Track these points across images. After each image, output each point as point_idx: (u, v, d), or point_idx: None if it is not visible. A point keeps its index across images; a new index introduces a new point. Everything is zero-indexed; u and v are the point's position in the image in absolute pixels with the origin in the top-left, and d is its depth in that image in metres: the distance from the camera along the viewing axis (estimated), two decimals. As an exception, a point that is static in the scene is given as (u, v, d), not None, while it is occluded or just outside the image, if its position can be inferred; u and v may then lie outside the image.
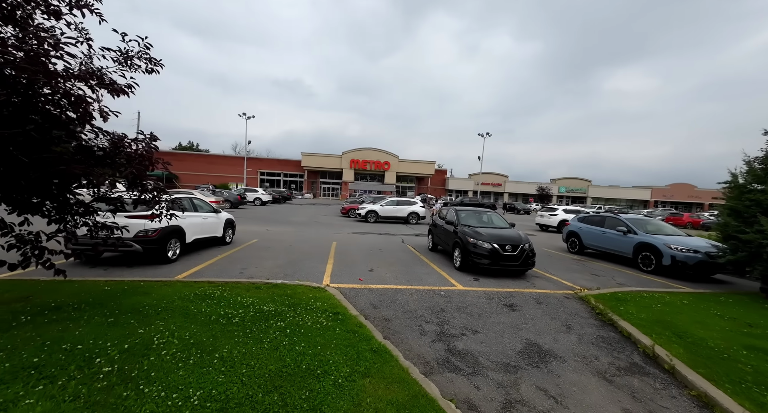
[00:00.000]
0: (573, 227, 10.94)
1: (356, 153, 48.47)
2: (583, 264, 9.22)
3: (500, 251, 6.96)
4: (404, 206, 19.71)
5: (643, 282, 7.46)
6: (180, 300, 4.25)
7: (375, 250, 9.87)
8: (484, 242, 7.11)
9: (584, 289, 6.38)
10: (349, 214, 21.61)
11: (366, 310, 4.84)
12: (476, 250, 7.11)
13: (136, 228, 5.95)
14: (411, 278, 6.69)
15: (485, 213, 9.15)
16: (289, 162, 51.55)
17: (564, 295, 6.07)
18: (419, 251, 10.14)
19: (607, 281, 7.38)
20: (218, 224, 8.77)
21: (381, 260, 8.35)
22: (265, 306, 4.24)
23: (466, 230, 7.74)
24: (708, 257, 7.33)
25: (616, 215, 9.63)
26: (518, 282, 6.82)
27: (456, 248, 7.87)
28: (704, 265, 7.32)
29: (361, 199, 26.01)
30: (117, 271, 5.91)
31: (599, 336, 4.40)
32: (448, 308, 5.10)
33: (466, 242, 7.38)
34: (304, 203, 37.34)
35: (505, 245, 7.03)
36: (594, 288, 6.51)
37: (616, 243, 9.14)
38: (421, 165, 50.95)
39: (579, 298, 5.89)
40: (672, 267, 7.63)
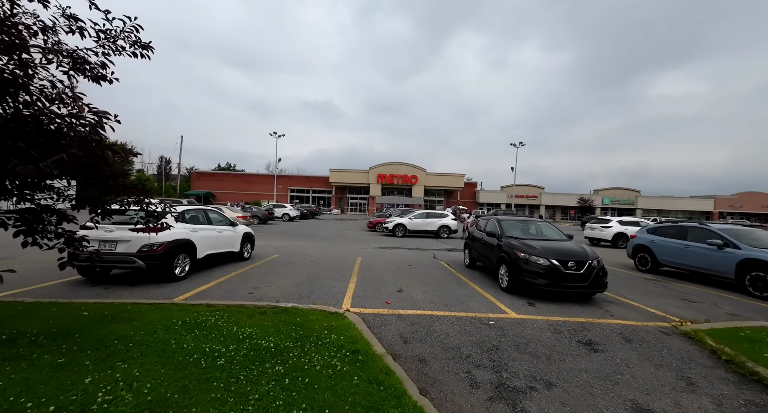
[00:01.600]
0: (642, 241, 9.11)
1: (383, 168, 48.15)
2: (665, 286, 7.41)
3: (561, 269, 5.57)
4: (434, 218, 18.45)
5: (764, 312, 5.63)
6: (163, 330, 3.43)
7: (404, 266, 8.75)
8: (539, 258, 5.76)
9: (686, 321, 4.79)
10: (376, 228, 20.69)
11: (395, 346, 3.74)
12: (529, 267, 5.77)
13: (139, 242, 5.39)
14: (449, 302, 5.49)
15: (533, 223, 7.75)
16: (317, 179, 52.33)
17: (659, 329, 4.55)
18: (455, 267, 8.86)
19: (711, 311, 5.65)
20: (235, 239, 8.17)
21: (411, 279, 7.21)
22: (264, 341, 3.29)
23: (513, 243, 6.43)
24: None
25: (705, 226, 7.77)
26: (588, 309, 5.36)
27: (502, 265, 6.56)
28: None
29: (389, 212, 25.08)
30: (117, 291, 5.32)
31: (748, 400, 2.92)
32: (504, 345, 3.85)
33: (515, 257, 6.07)
34: (332, 218, 37.15)
35: (567, 262, 5.62)
36: (701, 321, 4.88)
37: (708, 260, 7.27)
38: (449, 178, 49.41)
39: (683, 334, 4.34)
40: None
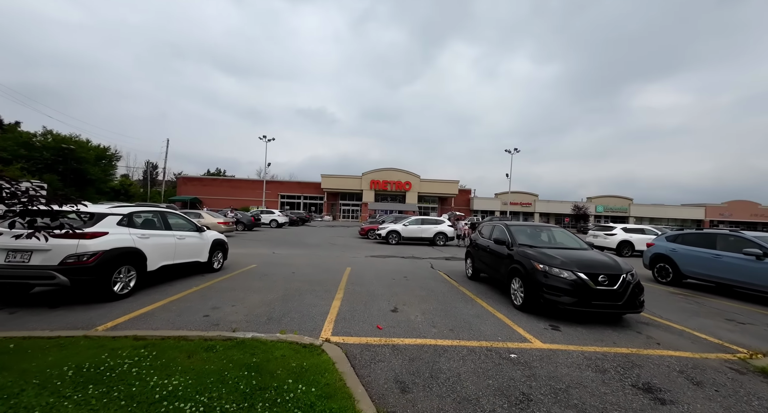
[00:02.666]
0: (662, 249, 8.24)
1: (376, 174, 47.28)
2: (697, 302, 6.49)
3: (590, 284, 4.58)
4: (430, 225, 17.46)
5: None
6: (37, 388, 2.28)
7: (399, 278, 7.68)
8: (563, 270, 4.77)
9: (756, 353, 3.82)
10: (368, 235, 19.60)
11: (388, 397, 2.66)
12: (550, 282, 4.77)
13: (62, 252, 4.19)
14: (456, 325, 4.44)
15: (546, 229, 6.80)
16: (309, 184, 51.10)
17: (726, 364, 3.57)
18: (456, 279, 7.83)
19: (749, 328, 4.71)
20: (201, 247, 7.01)
21: (408, 293, 6.14)
22: (192, 403, 2.18)
23: (529, 253, 5.44)
24: None
25: (738, 233, 6.93)
26: (625, 334, 4.36)
27: (514, 278, 5.55)
28: None
29: (382, 219, 24.03)
30: (26, 316, 4.06)
31: None
32: (537, 394, 2.80)
33: (532, 269, 5.07)
34: (323, 225, 35.89)
35: (598, 275, 4.65)
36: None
37: (746, 272, 6.40)
38: (443, 185, 48.76)
39: (762, 372, 3.37)
40: None
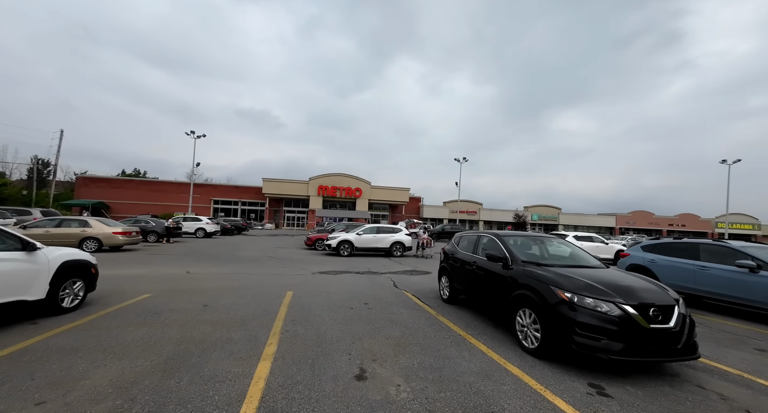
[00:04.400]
0: (639, 260, 7.71)
1: (325, 179, 44.64)
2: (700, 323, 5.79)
3: (641, 322, 3.25)
4: (386, 234, 15.84)
5: None
6: None
7: (358, 306, 5.76)
8: (601, 302, 3.39)
9: None
10: (316, 245, 17.23)
11: None
12: (582, 318, 3.35)
13: None
14: (464, 402, 2.70)
15: (544, 240, 5.56)
16: (248, 189, 46.13)
17: None
18: (429, 304, 6.19)
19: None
20: (29, 276, 4.22)
21: (375, 335, 4.28)
22: None
23: (542, 274, 4.02)
24: None
25: (724, 243, 6.53)
26: (691, 395, 3.09)
27: (522, 310, 4.07)
28: None
29: (331, 227, 21.76)
30: None
31: None
32: None
33: (554, 299, 3.63)
34: (264, 234, 32.03)
35: (649, 308, 3.35)
36: None
37: (738, 287, 5.90)
38: (394, 192, 48.11)
39: None
40: None
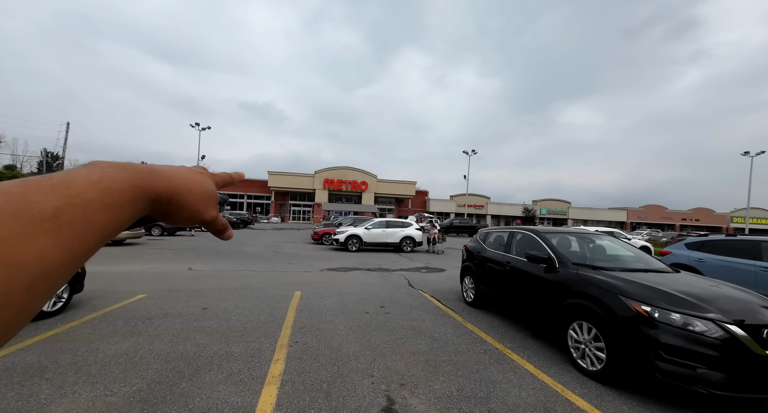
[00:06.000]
0: (684, 260, 6.93)
1: (331, 172, 43.96)
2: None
3: (754, 349, 2.53)
4: (396, 228, 15.17)
5: None
6: None
7: (374, 310, 5.12)
8: (696, 318, 2.68)
9: None
10: (323, 240, 16.65)
11: None
12: (669, 340, 2.65)
13: None
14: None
15: (593, 237, 4.81)
16: (253, 183, 45.69)
17: None
18: (452, 307, 5.52)
19: None
20: None
21: (399, 349, 3.62)
22: None
23: (604, 281, 3.30)
24: None
25: (793, 240, 5.72)
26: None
27: (577, 323, 3.38)
28: None
29: (338, 221, 21.16)
30: None
31: None
32: None
33: (626, 313, 2.92)
34: (269, 227, 31.60)
35: (762, 328, 2.63)
36: None
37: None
38: (401, 186, 47.27)
39: None
40: None
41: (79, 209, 0.24)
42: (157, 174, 0.32)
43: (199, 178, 0.37)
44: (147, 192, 0.30)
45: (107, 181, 0.27)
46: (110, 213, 0.26)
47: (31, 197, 0.23)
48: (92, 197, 0.25)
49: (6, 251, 0.20)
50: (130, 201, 0.28)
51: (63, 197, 0.24)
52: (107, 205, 0.26)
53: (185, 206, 0.35)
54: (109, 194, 0.27)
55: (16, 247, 0.20)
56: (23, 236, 0.21)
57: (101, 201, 0.26)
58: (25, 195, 0.23)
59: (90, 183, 0.26)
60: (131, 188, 0.28)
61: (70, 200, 0.24)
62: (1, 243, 0.20)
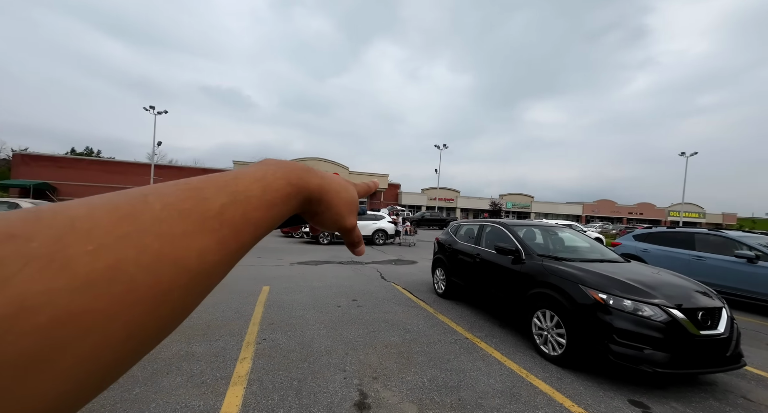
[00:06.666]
0: (631, 250, 7.59)
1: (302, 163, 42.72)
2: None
3: (690, 329, 2.81)
4: (368, 221, 15.12)
5: None
6: None
7: (346, 304, 5.07)
8: (644, 304, 2.91)
9: None
10: (293, 233, 16.22)
11: None
12: (621, 324, 2.87)
13: None
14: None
15: (556, 231, 5.08)
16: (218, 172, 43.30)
17: None
18: (424, 299, 5.62)
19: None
20: None
21: (372, 342, 3.61)
22: None
23: (566, 271, 3.50)
24: None
25: (721, 233, 6.44)
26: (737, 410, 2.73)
27: (541, 311, 3.57)
28: None
29: (309, 214, 20.68)
30: None
31: None
32: None
33: (585, 301, 3.12)
34: (235, 219, 30.10)
35: (697, 311, 2.92)
36: None
37: (736, 277, 5.83)
38: (373, 178, 47.15)
39: None
40: None
41: (240, 206, 0.24)
42: (312, 172, 0.32)
43: (344, 182, 0.37)
44: (301, 190, 0.30)
45: (269, 178, 0.27)
46: (266, 211, 0.26)
47: (206, 193, 0.23)
48: (253, 194, 0.25)
49: (173, 248, 0.20)
50: (284, 199, 0.28)
51: (230, 194, 0.24)
52: (265, 202, 0.26)
53: (332, 207, 0.34)
54: (267, 192, 0.27)
55: (183, 245, 0.20)
56: (192, 234, 0.21)
57: (260, 199, 0.26)
58: (202, 190, 0.23)
59: (254, 180, 0.26)
60: (287, 186, 0.28)
61: (235, 196, 0.24)
62: (171, 240, 0.20)
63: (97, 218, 0.18)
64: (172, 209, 0.21)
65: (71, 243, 0.16)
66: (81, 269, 0.16)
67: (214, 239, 0.22)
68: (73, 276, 0.16)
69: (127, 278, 0.17)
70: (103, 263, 0.17)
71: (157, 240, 0.19)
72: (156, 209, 0.20)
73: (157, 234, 0.19)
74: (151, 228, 0.19)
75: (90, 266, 0.17)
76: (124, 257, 0.18)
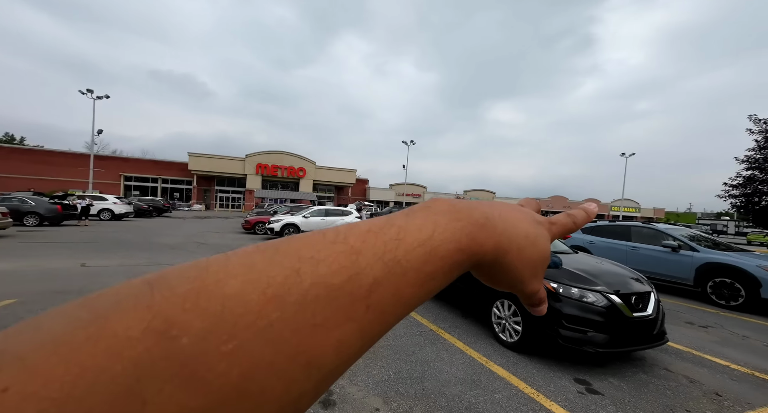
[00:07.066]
0: (579, 242, 8.30)
1: (264, 157, 40.95)
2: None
3: (626, 312, 3.15)
4: (335, 217, 14.95)
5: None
6: None
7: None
8: (588, 292, 3.20)
9: None
10: (256, 229, 15.54)
11: None
12: (570, 310, 3.14)
13: None
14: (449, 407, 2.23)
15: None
16: (170, 165, 40.11)
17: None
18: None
19: (737, 340, 4.40)
20: None
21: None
22: None
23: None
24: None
25: (651, 225, 7.25)
26: (665, 381, 3.12)
27: (499, 302, 3.78)
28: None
29: (273, 209, 19.96)
30: None
31: None
32: None
33: (538, 290, 3.36)
34: (191, 216, 28.23)
35: (632, 296, 3.27)
36: None
37: (662, 264, 6.62)
38: (341, 173, 46.59)
39: None
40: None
41: (393, 281, 0.18)
42: (491, 229, 0.23)
43: (534, 232, 0.26)
44: (471, 256, 0.22)
45: (437, 239, 0.20)
46: (421, 286, 0.19)
47: (362, 260, 0.17)
48: (412, 265, 0.19)
49: (311, 344, 0.15)
50: (448, 270, 0.21)
51: (386, 264, 0.18)
52: (424, 275, 0.19)
53: (509, 271, 0.25)
54: (430, 261, 0.19)
55: (321, 338, 0.15)
56: (334, 323, 0.16)
57: (419, 271, 0.19)
58: (359, 255, 0.17)
59: (418, 243, 0.19)
60: (456, 253, 0.21)
61: (391, 268, 0.18)
62: (310, 333, 0.15)
63: (248, 301, 0.14)
64: (321, 287, 0.16)
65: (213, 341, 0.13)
66: (215, 381, 0.12)
67: (357, 327, 0.17)
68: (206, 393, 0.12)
69: (258, 390, 0.13)
70: (237, 371, 0.13)
71: (294, 336, 0.15)
72: (305, 285, 0.16)
73: (296, 327, 0.15)
74: (294, 316, 0.15)
75: (224, 379, 0.13)
76: (260, 360, 0.14)
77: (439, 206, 0.23)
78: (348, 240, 0.18)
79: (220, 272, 0.15)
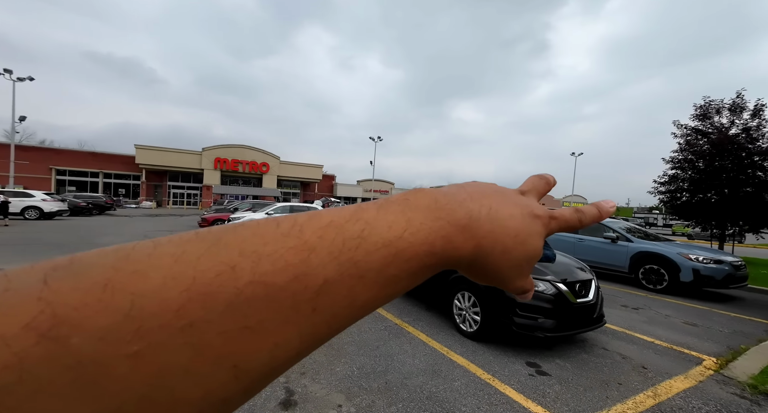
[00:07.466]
0: (533, 235, 8.90)
1: (224, 150, 38.64)
2: (576, 285, 6.97)
3: (570, 299, 3.43)
4: (300, 214, 14.53)
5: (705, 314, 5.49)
6: None
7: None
8: (538, 281, 3.44)
9: (718, 359, 3.56)
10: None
11: None
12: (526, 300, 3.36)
13: None
14: (409, 397, 2.30)
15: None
16: (113, 157, 36.42)
17: (722, 387, 3.02)
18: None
19: (662, 319, 4.99)
20: None
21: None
22: None
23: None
24: (734, 268, 6.03)
25: (595, 219, 7.96)
26: (602, 359, 3.46)
27: (461, 294, 3.95)
28: (730, 279, 5.98)
29: (234, 206, 18.95)
30: None
31: None
32: None
33: (495, 282, 3.55)
34: (139, 214, 25.85)
35: (576, 284, 3.56)
36: (729, 353, 3.81)
37: (603, 254, 7.32)
38: (307, 169, 45.40)
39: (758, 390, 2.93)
40: (694, 284, 6.03)
41: (346, 283, 0.16)
42: (474, 230, 0.21)
43: (526, 230, 0.23)
44: (444, 260, 0.20)
45: (406, 240, 0.18)
46: (381, 289, 0.18)
47: (314, 259, 0.16)
48: (372, 266, 0.17)
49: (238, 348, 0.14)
50: (414, 273, 0.19)
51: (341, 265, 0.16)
52: (384, 279, 0.18)
53: (489, 272, 0.23)
54: (394, 263, 0.18)
55: (252, 343, 0.14)
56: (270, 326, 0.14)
57: (379, 273, 0.17)
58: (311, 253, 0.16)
59: (383, 243, 0.18)
60: (426, 256, 0.19)
61: (344, 270, 0.16)
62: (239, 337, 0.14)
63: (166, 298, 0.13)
64: (258, 286, 0.14)
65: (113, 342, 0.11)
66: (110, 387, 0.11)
67: (298, 331, 0.15)
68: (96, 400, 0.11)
69: (167, 397, 0.12)
70: (140, 376, 0.12)
71: (220, 338, 0.13)
72: (240, 284, 0.14)
73: (223, 329, 0.13)
74: (221, 317, 0.13)
75: (122, 384, 0.11)
76: (172, 364, 0.12)
77: (419, 200, 0.21)
78: (303, 234, 0.17)
79: (141, 262, 0.13)
